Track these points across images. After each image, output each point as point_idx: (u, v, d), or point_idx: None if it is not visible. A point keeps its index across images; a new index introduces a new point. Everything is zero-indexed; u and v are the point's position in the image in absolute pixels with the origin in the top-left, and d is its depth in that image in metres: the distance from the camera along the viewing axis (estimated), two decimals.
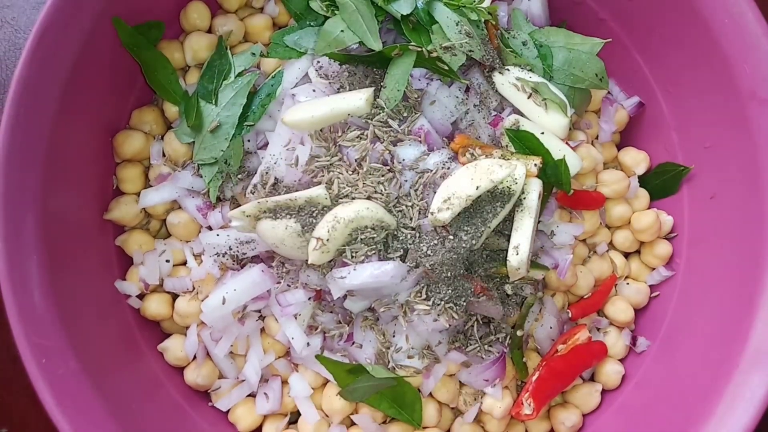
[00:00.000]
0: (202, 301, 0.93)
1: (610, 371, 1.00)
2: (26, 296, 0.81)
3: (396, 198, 0.87)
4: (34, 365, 0.80)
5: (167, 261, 0.97)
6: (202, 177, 0.95)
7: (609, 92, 1.07)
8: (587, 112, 1.05)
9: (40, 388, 0.79)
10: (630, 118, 1.08)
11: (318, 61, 0.94)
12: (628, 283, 1.04)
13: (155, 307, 0.97)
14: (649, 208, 1.05)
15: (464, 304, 0.87)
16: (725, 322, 0.91)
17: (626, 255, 1.06)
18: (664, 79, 1.03)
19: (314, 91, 0.92)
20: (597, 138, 1.06)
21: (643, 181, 1.05)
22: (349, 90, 0.91)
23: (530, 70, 0.96)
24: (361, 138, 0.88)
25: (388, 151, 0.88)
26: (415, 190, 0.88)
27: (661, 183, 1.04)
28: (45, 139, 0.85)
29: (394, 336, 0.91)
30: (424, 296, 0.86)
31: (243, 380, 0.97)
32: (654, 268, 1.04)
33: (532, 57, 0.98)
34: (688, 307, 0.99)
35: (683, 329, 0.98)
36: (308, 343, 0.92)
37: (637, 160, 1.05)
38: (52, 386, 0.80)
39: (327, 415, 0.94)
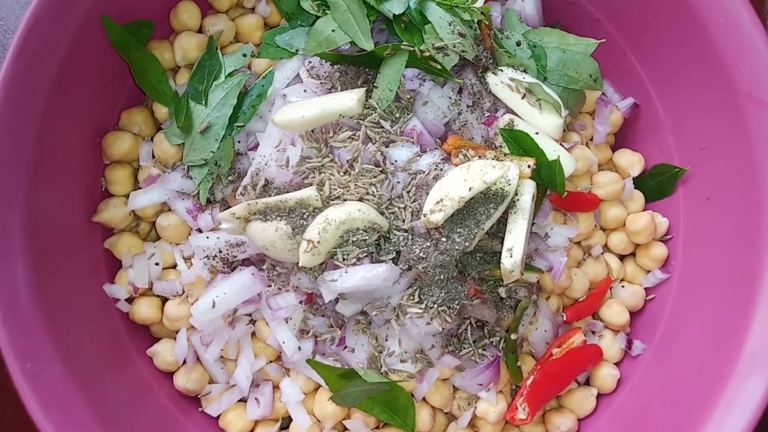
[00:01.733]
0: (192, 304, 0.91)
1: (606, 375, 0.99)
2: (12, 298, 0.80)
3: (388, 199, 0.86)
4: (19, 369, 0.78)
5: (156, 264, 0.96)
6: (192, 179, 0.95)
7: (603, 93, 1.06)
8: (581, 113, 1.04)
9: (24, 393, 0.78)
10: (625, 119, 1.07)
11: (309, 62, 0.93)
12: (623, 286, 1.03)
13: (144, 310, 0.96)
14: (644, 210, 1.04)
15: (457, 307, 0.86)
16: (722, 324, 0.90)
17: (621, 257, 1.05)
18: (660, 79, 1.02)
19: (305, 91, 0.92)
20: (591, 139, 1.05)
21: (638, 182, 1.04)
22: (341, 90, 0.90)
23: (524, 70, 0.95)
24: (352, 139, 0.87)
25: (380, 152, 0.87)
26: (408, 192, 0.86)
27: (656, 184, 1.04)
28: (32, 139, 0.85)
29: (386, 340, 0.90)
30: (416, 299, 0.85)
31: (233, 385, 0.96)
32: (649, 271, 1.04)
33: (526, 57, 0.97)
34: (684, 309, 0.98)
35: (679, 332, 0.97)
36: (299, 348, 0.91)
37: (632, 161, 1.04)
38: (37, 391, 0.79)
39: (319, 421, 0.93)
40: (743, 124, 0.90)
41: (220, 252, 0.92)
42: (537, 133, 0.90)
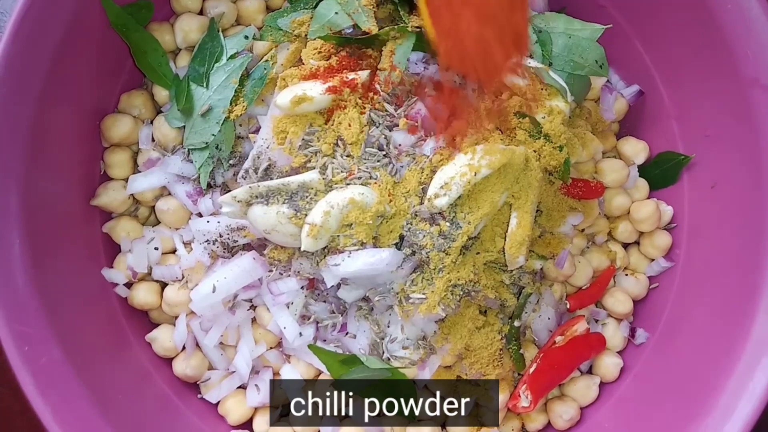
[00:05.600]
0: (192, 289, 0.90)
1: (609, 363, 0.99)
2: (9, 282, 0.79)
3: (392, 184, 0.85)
4: (16, 353, 0.77)
5: (156, 249, 0.95)
6: (192, 162, 0.93)
7: (608, 80, 1.05)
8: (586, 100, 1.03)
9: (22, 377, 0.77)
10: (630, 106, 1.06)
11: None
12: (627, 275, 1.03)
13: (143, 296, 0.94)
14: (648, 198, 1.04)
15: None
16: (726, 313, 0.89)
17: (625, 246, 1.05)
18: (665, 66, 1.01)
19: None
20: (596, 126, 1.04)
21: (643, 170, 1.04)
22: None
23: (530, 55, 0.94)
24: None
25: (383, 136, 0.86)
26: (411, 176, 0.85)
27: (660, 172, 1.03)
28: (29, 122, 0.83)
29: (388, 326, 0.89)
30: (419, 285, 0.84)
31: (233, 372, 0.95)
32: (653, 259, 1.03)
33: (532, 42, 0.96)
34: (688, 298, 0.98)
35: (683, 321, 0.97)
36: (301, 333, 0.90)
37: (636, 149, 1.04)
38: (34, 375, 0.78)
39: None
40: (749, 110, 0.89)
41: (221, 236, 0.91)
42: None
